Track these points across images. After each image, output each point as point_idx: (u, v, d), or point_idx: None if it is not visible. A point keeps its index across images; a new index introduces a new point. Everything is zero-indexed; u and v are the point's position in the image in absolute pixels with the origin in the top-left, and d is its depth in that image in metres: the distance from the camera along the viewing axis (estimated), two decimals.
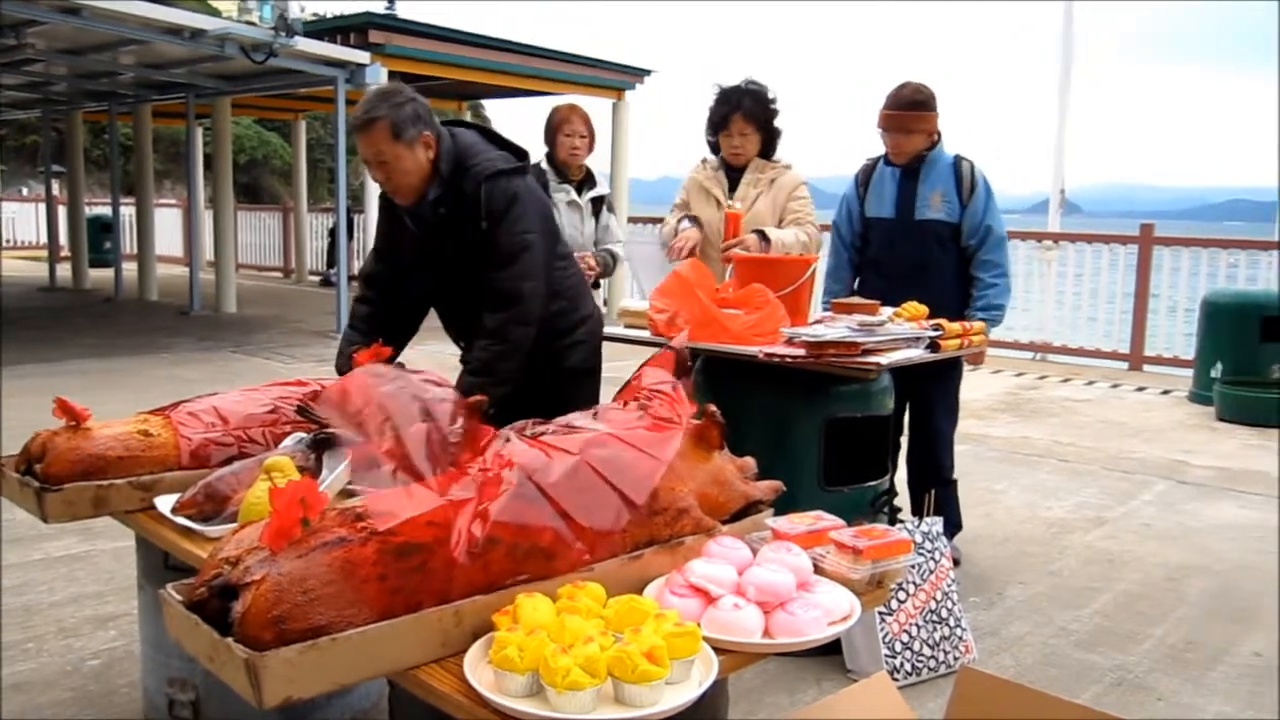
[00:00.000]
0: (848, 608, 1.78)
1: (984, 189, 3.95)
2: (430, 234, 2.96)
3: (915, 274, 3.90)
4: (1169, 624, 3.72)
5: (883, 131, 3.99)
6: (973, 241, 3.95)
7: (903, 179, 4.01)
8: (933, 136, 3.97)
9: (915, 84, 3.95)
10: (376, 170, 2.86)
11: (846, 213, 4.19)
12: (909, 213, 3.98)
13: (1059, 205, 10.41)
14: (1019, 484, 5.50)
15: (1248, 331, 7.59)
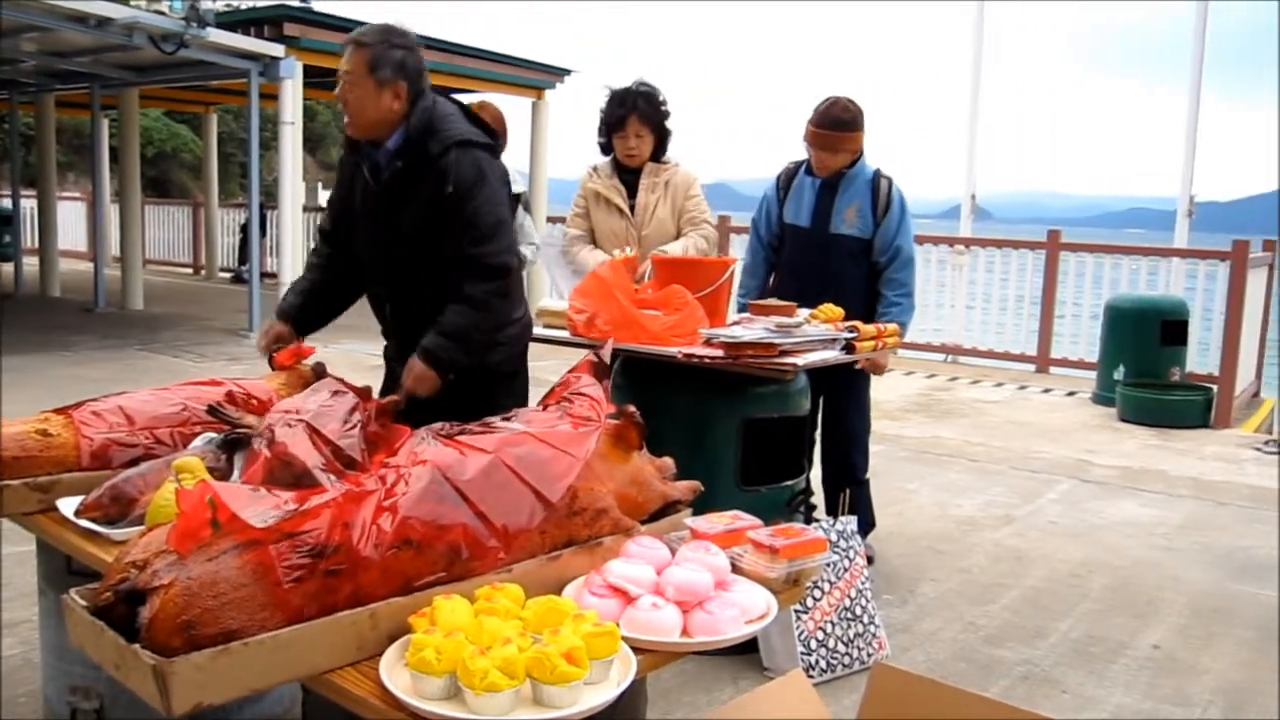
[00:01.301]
0: (764, 606, 1.79)
1: (899, 208, 3.99)
2: (385, 188, 2.88)
3: (825, 285, 3.89)
4: (1073, 619, 3.84)
5: (807, 144, 4.02)
6: (882, 259, 4.00)
7: (821, 190, 4.05)
8: (856, 155, 4.01)
9: (844, 101, 3.97)
10: (342, 88, 2.83)
11: (765, 213, 4.23)
12: (824, 225, 4.02)
13: (970, 211, 10.65)
14: (930, 483, 5.62)
15: (1148, 335, 7.84)
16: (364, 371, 7.21)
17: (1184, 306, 8.11)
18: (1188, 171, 9.65)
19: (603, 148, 4.09)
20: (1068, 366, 9.19)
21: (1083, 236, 12.23)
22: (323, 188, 30.46)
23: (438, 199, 2.81)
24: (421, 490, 1.72)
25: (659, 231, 3.99)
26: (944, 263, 9.98)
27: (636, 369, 3.31)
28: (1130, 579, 4.28)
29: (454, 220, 2.82)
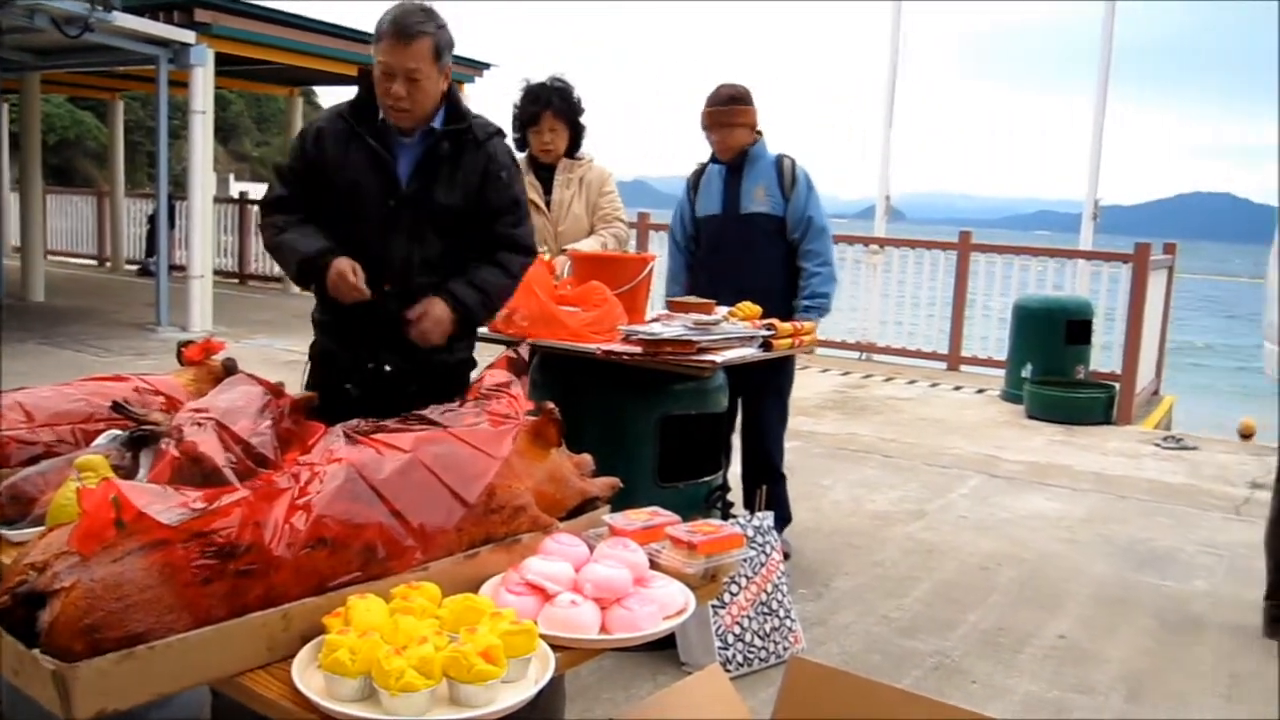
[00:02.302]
0: (682, 601, 1.80)
1: (805, 183, 4.11)
2: (427, 172, 2.72)
3: (743, 266, 4.04)
4: (982, 610, 3.93)
5: (706, 131, 4.14)
6: (797, 234, 4.09)
7: (728, 176, 4.16)
8: (754, 131, 4.12)
9: (731, 84, 4.13)
10: (398, 84, 2.62)
11: (679, 217, 4.34)
12: (735, 207, 4.12)
13: (885, 211, 10.82)
14: (845, 479, 5.70)
15: (1054, 334, 8.05)
16: (276, 367, 7.09)
17: (1088, 307, 8.34)
18: (1093, 176, 9.93)
19: (518, 143, 4.09)
20: (978, 364, 9.39)
21: (993, 238, 12.50)
22: (235, 179, 29.82)
23: (489, 182, 2.77)
24: (336, 489, 1.70)
25: (574, 227, 4.01)
26: (859, 262, 10.13)
27: (555, 365, 3.31)
28: (1037, 571, 4.40)
29: (498, 203, 2.79)
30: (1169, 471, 6.28)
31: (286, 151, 12.56)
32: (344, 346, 2.82)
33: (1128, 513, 5.35)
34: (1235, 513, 5.46)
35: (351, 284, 2.63)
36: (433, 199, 2.72)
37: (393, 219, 2.72)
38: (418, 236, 2.74)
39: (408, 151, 2.74)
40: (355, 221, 2.73)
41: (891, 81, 10.90)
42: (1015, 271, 9.47)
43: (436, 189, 2.73)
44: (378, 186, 2.72)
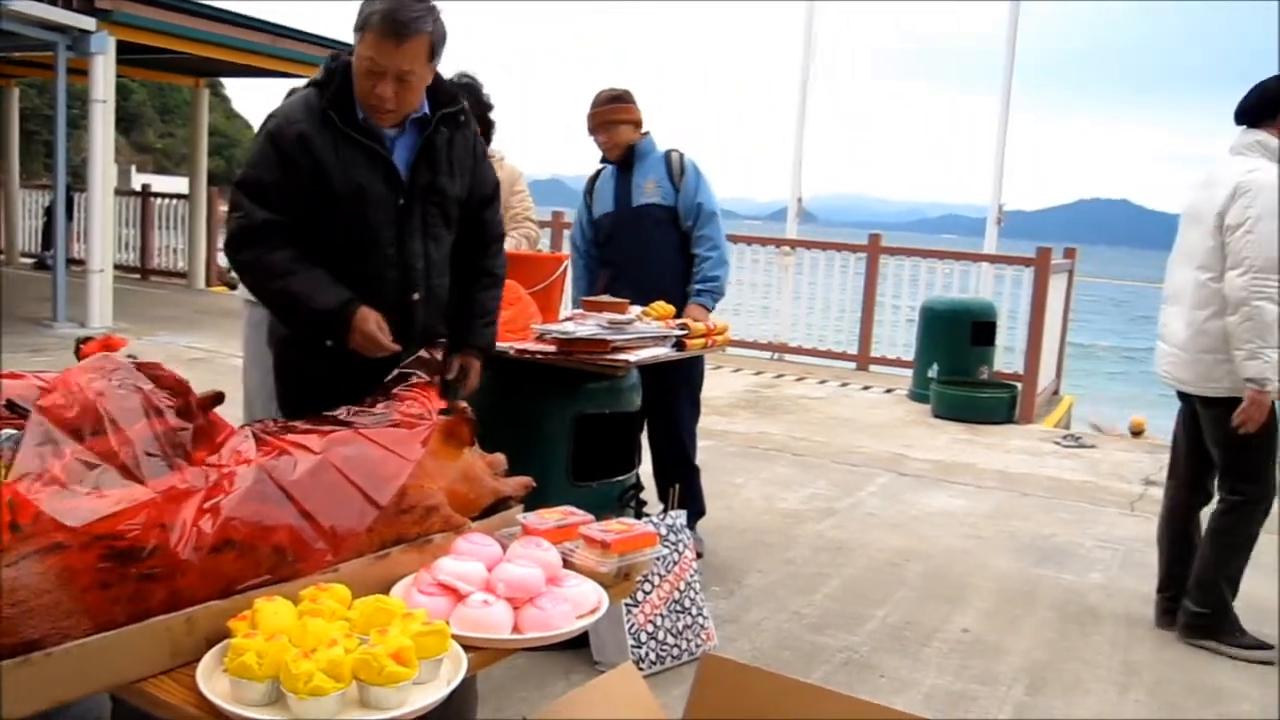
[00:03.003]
0: (595, 600, 1.81)
1: (694, 171, 4.20)
2: (424, 156, 2.53)
3: (639, 257, 4.14)
4: (890, 605, 4.01)
5: (593, 135, 4.25)
6: (689, 221, 4.18)
7: (618, 174, 4.26)
8: (639, 128, 4.22)
9: (610, 86, 4.26)
10: (385, 85, 2.39)
11: (578, 223, 4.46)
12: (627, 202, 4.22)
13: (796, 214, 10.96)
14: (757, 477, 5.77)
15: (960, 336, 8.25)
16: (181, 365, 6.90)
17: (992, 309, 8.56)
18: (997, 182, 10.19)
19: None
20: (886, 365, 9.57)
21: (902, 240, 12.74)
22: (137, 171, 28.94)
23: (479, 163, 2.68)
24: (245, 490, 1.66)
25: None
26: (771, 263, 10.25)
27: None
28: (943, 566, 4.50)
29: (486, 187, 2.71)
30: (1068, 469, 6.48)
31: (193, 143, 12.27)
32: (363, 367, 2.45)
33: (1029, 509, 5.51)
34: (1130, 508, 5.66)
35: (382, 344, 2.43)
36: (441, 191, 2.56)
37: (405, 219, 2.52)
38: (433, 234, 2.58)
39: (401, 143, 2.53)
40: (367, 228, 2.49)
41: (804, 85, 11.03)
42: (923, 274, 9.67)
43: (442, 180, 2.55)
44: (384, 186, 2.49)
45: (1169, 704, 3.36)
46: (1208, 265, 3.64)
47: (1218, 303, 3.61)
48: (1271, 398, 3.55)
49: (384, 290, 2.52)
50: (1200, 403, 3.80)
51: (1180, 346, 3.77)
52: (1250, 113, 3.72)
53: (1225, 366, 3.61)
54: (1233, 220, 3.55)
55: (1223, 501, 3.80)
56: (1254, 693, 3.46)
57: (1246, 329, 3.50)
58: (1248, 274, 3.49)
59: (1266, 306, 3.47)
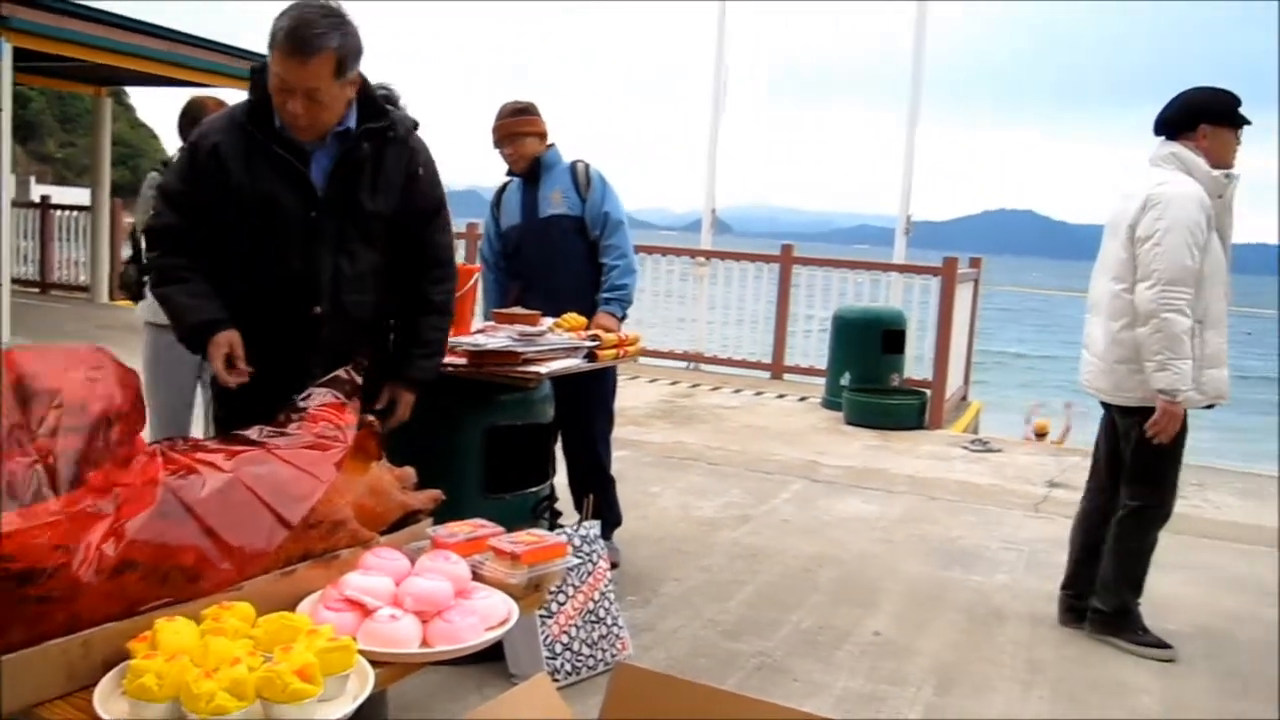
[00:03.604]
0: (505, 612, 1.81)
1: (599, 182, 4.22)
2: (346, 177, 2.52)
3: (548, 268, 4.15)
4: (804, 610, 4.06)
5: (499, 147, 4.25)
6: (597, 231, 4.20)
7: (525, 187, 4.26)
8: (544, 140, 4.24)
9: (515, 99, 4.29)
10: (295, 102, 2.38)
11: (486, 236, 4.45)
12: (534, 214, 4.22)
13: (710, 225, 11.04)
14: (673, 486, 5.80)
15: (871, 344, 8.39)
16: None
17: (902, 317, 8.72)
18: (905, 193, 10.38)
19: None
20: (800, 373, 9.70)
21: (816, 251, 12.92)
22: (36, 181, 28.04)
23: (413, 181, 2.62)
24: (150, 510, 1.63)
25: None
26: (686, 274, 10.32)
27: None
28: (855, 571, 4.58)
29: (425, 205, 2.66)
30: (976, 473, 6.64)
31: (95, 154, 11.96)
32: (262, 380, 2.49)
33: (938, 513, 5.63)
34: (1034, 510, 5.82)
35: (224, 377, 2.45)
36: (358, 206, 2.53)
37: (315, 232, 2.50)
38: (345, 249, 2.55)
39: (322, 156, 2.51)
40: (274, 239, 2.49)
41: (717, 96, 11.09)
42: (835, 283, 9.82)
43: (360, 194, 2.53)
44: (294, 198, 2.48)
45: (1072, 699, 3.46)
46: (1121, 276, 3.72)
47: (1131, 313, 3.68)
48: (1183, 408, 3.64)
49: (287, 302, 2.53)
50: (1116, 410, 3.90)
51: (1099, 356, 3.87)
52: (1170, 124, 3.78)
53: (1138, 377, 3.69)
54: (1143, 232, 3.62)
55: (1124, 507, 3.91)
56: (1154, 686, 3.59)
57: (1156, 340, 3.56)
58: (1157, 286, 3.56)
59: (1176, 318, 3.53)
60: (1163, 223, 3.57)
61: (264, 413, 2.07)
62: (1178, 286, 3.55)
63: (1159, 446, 3.72)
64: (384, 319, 2.73)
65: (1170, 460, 3.81)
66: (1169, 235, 3.56)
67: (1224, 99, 3.75)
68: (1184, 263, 3.55)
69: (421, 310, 2.70)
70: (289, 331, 2.52)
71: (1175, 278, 3.55)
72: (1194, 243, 3.56)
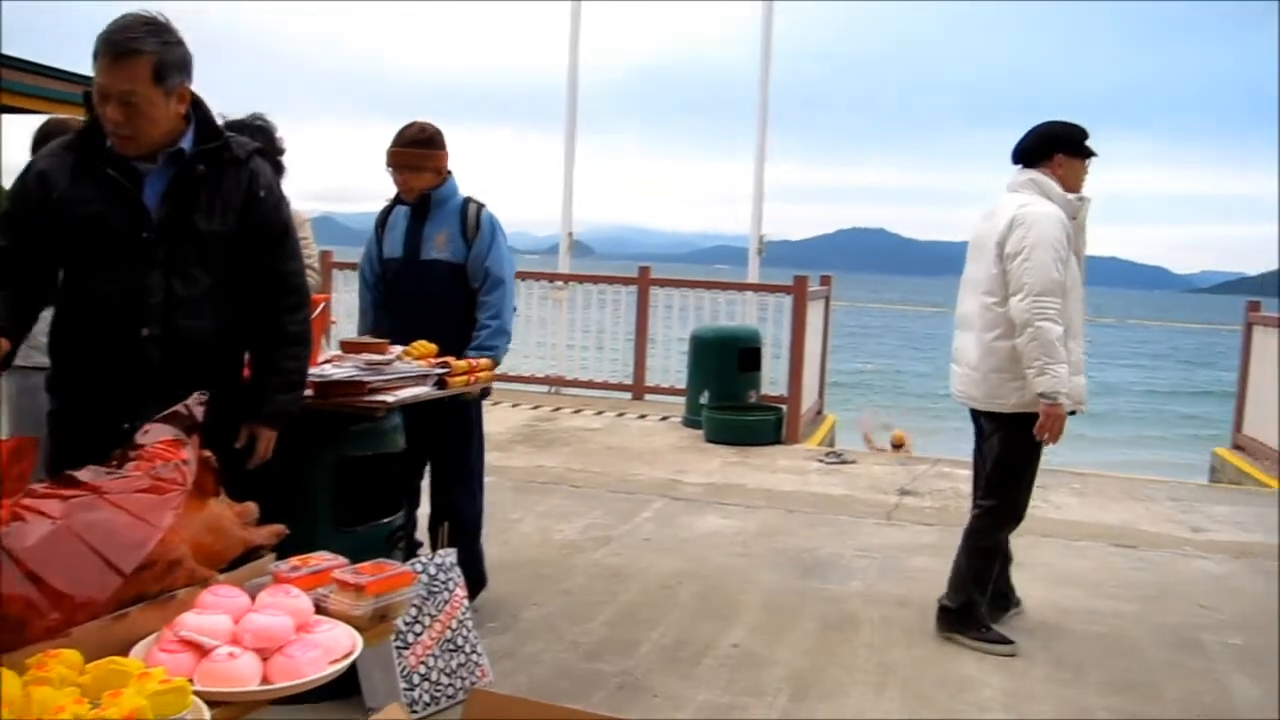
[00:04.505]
0: (349, 644, 1.79)
1: (489, 231, 4.02)
2: (181, 200, 2.50)
3: (422, 313, 3.92)
4: (664, 627, 4.12)
5: (390, 169, 4.02)
6: (476, 283, 4.00)
7: (412, 218, 4.05)
8: (441, 174, 4.03)
9: (421, 123, 4.02)
10: (111, 107, 2.38)
11: (368, 255, 4.21)
12: (416, 253, 4.02)
13: (568, 248, 11.09)
14: (534, 511, 5.80)
15: (728, 362, 8.55)
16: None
17: (757, 335, 8.93)
18: (756, 214, 10.64)
19: None
20: (660, 393, 9.80)
21: (676, 271, 13.10)
22: None
23: (252, 204, 2.58)
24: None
25: None
26: (545, 298, 10.34)
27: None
28: (714, 586, 4.66)
29: (266, 229, 2.61)
30: (831, 485, 6.83)
31: None
32: (92, 406, 2.50)
33: (795, 525, 5.78)
34: (887, 518, 6.02)
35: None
36: (192, 227, 2.51)
37: (147, 253, 2.48)
38: (178, 271, 2.52)
39: (156, 178, 2.50)
40: (105, 260, 2.48)
41: (570, 118, 11.14)
42: (692, 303, 9.98)
43: (195, 216, 2.52)
44: (126, 219, 2.47)
45: (921, 697, 3.60)
46: (992, 291, 3.97)
47: (1003, 325, 3.93)
48: (1063, 410, 3.87)
49: (115, 323, 2.52)
50: (985, 417, 4.12)
51: (972, 366, 4.08)
52: (1027, 154, 4.10)
53: (1011, 384, 3.93)
54: (1011, 249, 3.89)
55: (977, 507, 4.15)
56: (995, 680, 3.76)
57: (1033, 348, 3.81)
58: (1029, 298, 3.82)
59: (1049, 326, 3.79)
60: (1029, 239, 3.84)
61: (100, 445, 2.03)
62: (1048, 297, 3.81)
63: (1020, 453, 3.99)
64: (228, 345, 2.69)
65: (1029, 467, 4.06)
66: (1036, 251, 3.83)
67: (1075, 132, 4.10)
68: (1051, 275, 3.82)
69: (276, 342, 2.70)
70: (119, 355, 2.50)
71: (1045, 289, 3.81)
72: (1058, 257, 3.84)
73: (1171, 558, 5.44)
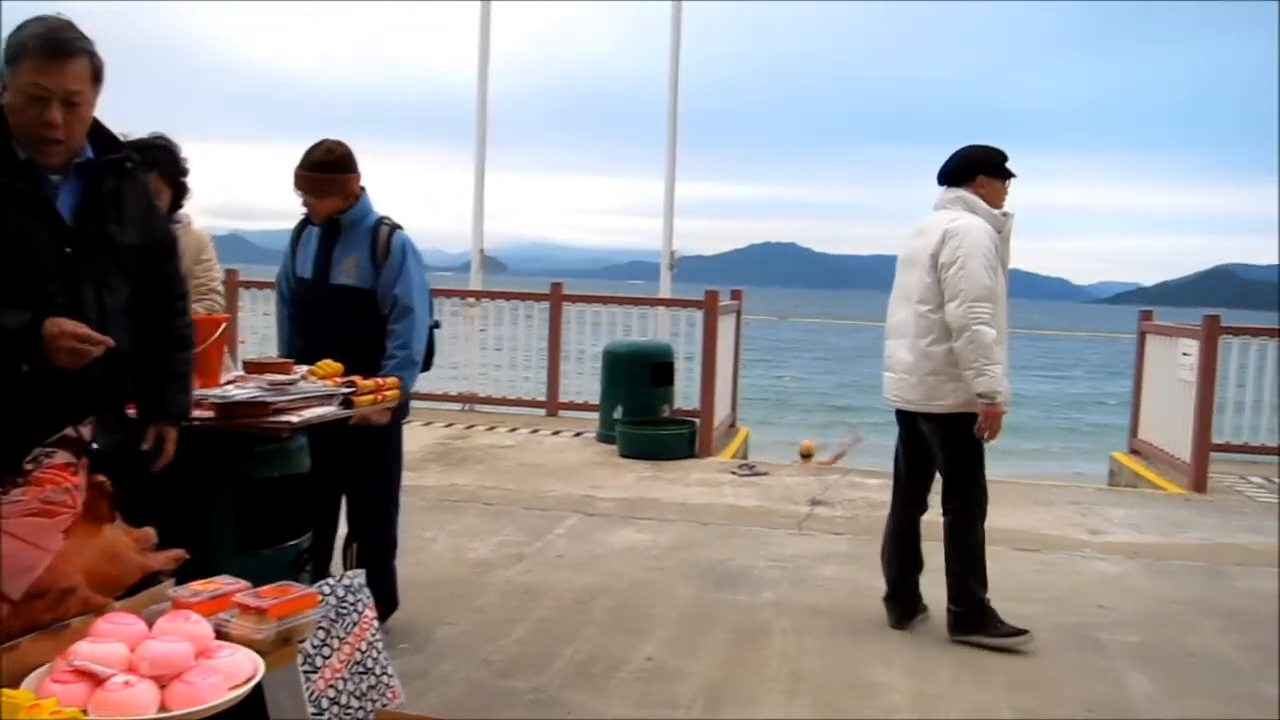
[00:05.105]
0: (250, 669, 1.77)
1: (399, 256, 3.89)
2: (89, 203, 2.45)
3: (330, 338, 3.78)
4: (577, 642, 4.12)
5: (297, 190, 3.91)
6: (386, 310, 3.90)
7: (322, 240, 3.95)
8: (350, 197, 3.91)
9: (330, 143, 3.88)
10: (54, 110, 2.30)
11: (284, 271, 4.12)
12: (325, 276, 3.92)
13: (480, 265, 11.02)
14: (447, 530, 5.75)
15: (641, 377, 8.59)
16: None
17: (670, 350, 8.98)
18: (667, 229, 10.70)
19: None
20: (575, 409, 9.80)
21: (592, 287, 13.11)
22: None
23: (150, 213, 2.59)
24: None
25: None
26: (456, 315, 10.28)
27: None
28: (628, 600, 4.67)
29: (162, 238, 2.61)
30: (744, 496, 6.91)
31: None
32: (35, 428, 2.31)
33: (709, 537, 5.82)
34: (798, 528, 6.11)
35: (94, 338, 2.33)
36: (110, 239, 2.48)
37: (74, 268, 2.42)
38: (107, 285, 2.48)
39: (66, 190, 2.44)
40: (31, 279, 2.37)
41: (481, 132, 11.03)
42: (605, 319, 10.01)
43: (110, 228, 2.48)
44: (46, 233, 2.38)
45: (830, 704, 3.66)
46: (926, 299, 4.19)
47: (937, 330, 4.16)
48: (1002, 408, 4.10)
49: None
50: (924, 419, 4.30)
51: (908, 371, 4.27)
52: (952, 175, 4.37)
53: (948, 385, 4.15)
54: (945, 259, 4.12)
55: (950, 514, 4.32)
56: (903, 684, 3.84)
57: (971, 351, 4.04)
58: (964, 304, 4.05)
59: (984, 329, 4.04)
60: (962, 250, 4.09)
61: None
62: (982, 303, 4.05)
63: (967, 451, 4.21)
64: (135, 357, 2.65)
65: (979, 463, 4.28)
66: (970, 260, 4.07)
67: (995, 155, 4.37)
68: (984, 281, 4.07)
69: (171, 345, 2.69)
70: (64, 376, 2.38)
71: (979, 295, 4.05)
72: (990, 265, 4.09)
73: (1071, 560, 5.62)
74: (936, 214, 4.32)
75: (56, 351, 2.32)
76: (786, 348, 44.64)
